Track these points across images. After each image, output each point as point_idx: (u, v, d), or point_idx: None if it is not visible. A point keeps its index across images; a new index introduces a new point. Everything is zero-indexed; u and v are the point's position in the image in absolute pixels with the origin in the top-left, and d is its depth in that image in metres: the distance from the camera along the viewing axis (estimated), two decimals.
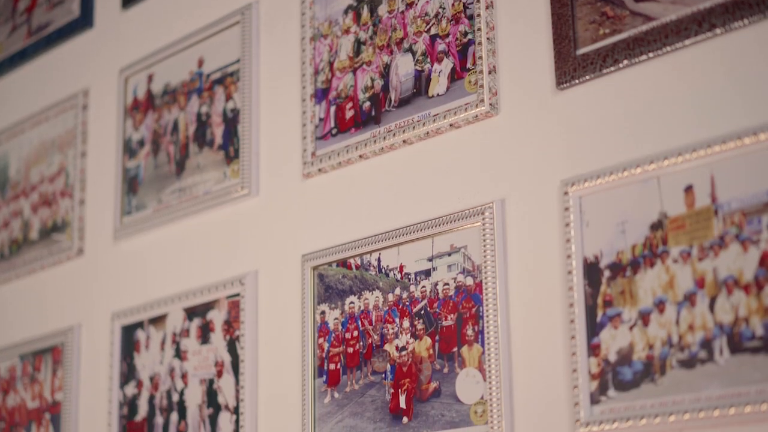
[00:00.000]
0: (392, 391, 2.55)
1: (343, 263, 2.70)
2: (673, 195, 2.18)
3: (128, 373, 3.18)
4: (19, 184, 3.69)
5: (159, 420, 3.06)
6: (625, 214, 2.23)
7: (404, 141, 2.62)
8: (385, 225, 2.64)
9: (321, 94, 2.82)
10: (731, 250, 2.09)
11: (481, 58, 2.49)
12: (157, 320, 3.12)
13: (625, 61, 2.28)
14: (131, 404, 3.15)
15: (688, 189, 2.16)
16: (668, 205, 2.18)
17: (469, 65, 2.52)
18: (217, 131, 3.06)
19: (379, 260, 2.63)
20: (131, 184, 3.28)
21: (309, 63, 2.85)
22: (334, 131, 2.78)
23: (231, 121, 3.02)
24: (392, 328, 2.58)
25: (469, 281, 2.45)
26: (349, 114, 2.75)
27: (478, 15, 2.51)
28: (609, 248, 2.25)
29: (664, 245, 2.17)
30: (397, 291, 2.58)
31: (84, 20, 3.57)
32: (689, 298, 2.13)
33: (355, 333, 2.65)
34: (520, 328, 2.37)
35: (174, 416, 3.03)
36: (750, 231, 2.07)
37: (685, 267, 2.14)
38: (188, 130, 3.15)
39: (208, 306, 2.98)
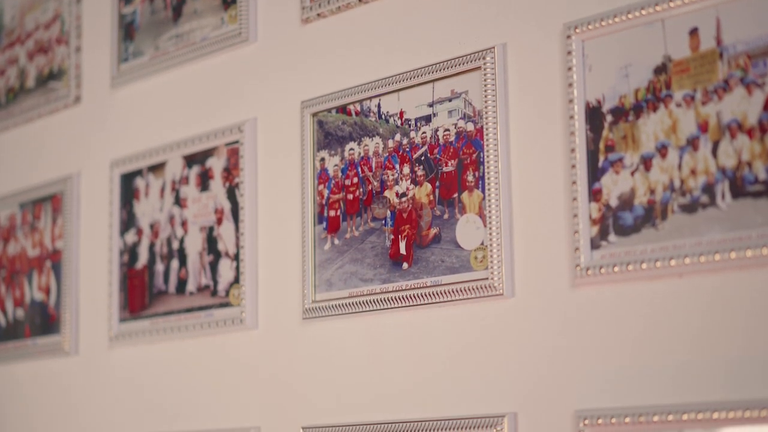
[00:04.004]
0: (392, 237, 2.55)
1: (343, 109, 2.67)
2: (677, 38, 2.14)
3: (128, 221, 3.18)
4: (14, 32, 3.64)
5: (159, 267, 3.07)
6: (628, 57, 2.20)
7: None
8: (385, 70, 2.61)
9: None
10: (735, 93, 2.06)
11: None
12: (156, 168, 3.11)
13: None
14: (131, 252, 3.16)
15: (693, 32, 2.13)
16: (672, 48, 2.15)
17: None
18: None
19: (379, 106, 2.61)
20: (128, 30, 3.24)
21: None
22: None
23: None
24: (392, 175, 2.56)
25: (470, 127, 2.43)
26: None
27: None
28: (611, 92, 2.22)
29: (667, 89, 2.15)
30: (398, 137, 2.56)
31: None
32: (692, 143, 2.11)
33: (355, 179, 2.64)
34: (521, 174, 2.36)
35: (174, 263, 3.04)
36: (755, 74, 2.04)
37: (689, 111, 2.12)
38: None
39: (207, 153, 2.97)
